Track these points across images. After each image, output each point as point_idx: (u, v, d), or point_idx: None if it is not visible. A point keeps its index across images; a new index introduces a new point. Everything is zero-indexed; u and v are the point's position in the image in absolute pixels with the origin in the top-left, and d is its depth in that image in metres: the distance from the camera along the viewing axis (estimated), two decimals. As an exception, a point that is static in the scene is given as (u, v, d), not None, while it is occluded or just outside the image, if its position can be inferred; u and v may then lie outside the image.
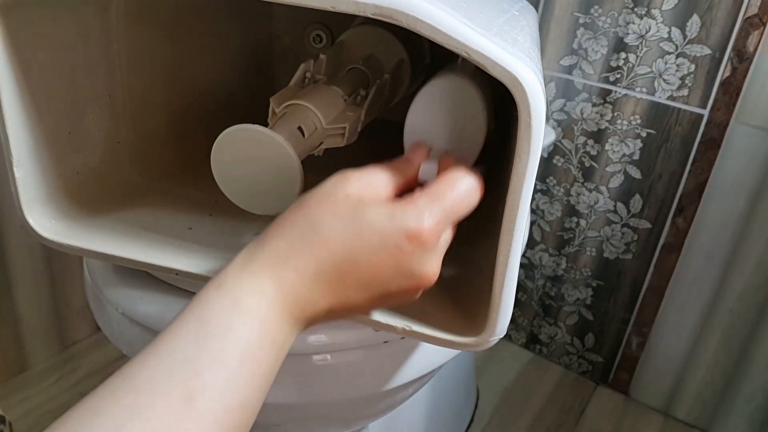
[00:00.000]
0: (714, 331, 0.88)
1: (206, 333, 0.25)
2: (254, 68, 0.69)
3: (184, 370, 0.24)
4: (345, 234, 0.29)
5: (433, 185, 0.32)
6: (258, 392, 0.26)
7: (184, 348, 0.25)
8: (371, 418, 0.61)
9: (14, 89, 0.39)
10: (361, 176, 0.31)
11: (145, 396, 0.23)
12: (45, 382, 0.93)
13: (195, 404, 0.23)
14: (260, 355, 0.26)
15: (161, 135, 0.53)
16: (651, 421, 0.95)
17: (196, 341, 0.25)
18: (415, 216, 0.30)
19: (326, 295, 0.29)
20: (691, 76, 0.77)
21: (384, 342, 0.45)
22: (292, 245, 0.29)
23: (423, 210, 0.30)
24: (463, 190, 0.32)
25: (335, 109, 0.44)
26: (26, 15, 0.38)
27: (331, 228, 0.29)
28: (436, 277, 0.32)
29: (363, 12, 0.30)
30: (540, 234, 0.97)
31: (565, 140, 0.89)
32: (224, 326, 0.26)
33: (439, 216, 0.31)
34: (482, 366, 1.03)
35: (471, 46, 0.29)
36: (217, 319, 0.26)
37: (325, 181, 0.31)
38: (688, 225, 0.84)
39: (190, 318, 0.26)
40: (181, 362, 0.24)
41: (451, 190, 0.32)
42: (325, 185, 0.31)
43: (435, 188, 0.32)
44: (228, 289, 0.27)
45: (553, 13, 0.84)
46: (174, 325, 0.26)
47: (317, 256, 0.29)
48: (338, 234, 0.29)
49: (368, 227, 0.29)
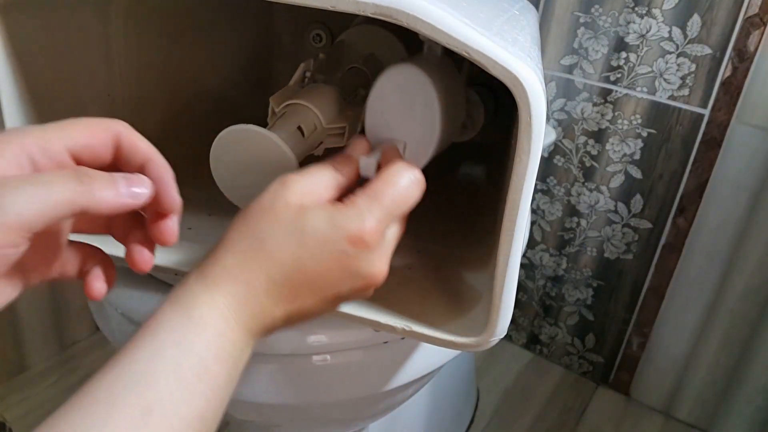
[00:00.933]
0: (715, 332, 0.88)
1: (162, 346, 0.26)
2: (254, 68, 0.69)
3: (141, 383, 0.24)
4: (289, 244, 0.29)
5: (372, 183, 0.32)
6: (215, 403, 0.26)
7: (140, 361, 0.25)
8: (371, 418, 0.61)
9: (14, 89, 0.39)
10: (300, 180, 0.31)
11: (105, 409, 0.23)
12: (44, 383, 0.93)
13: (152, 417, 0.24)
14: (216, 368, 0.27)
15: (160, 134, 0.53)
16: (652, 421, 0.95)
17: (152, 355, 0.25)
18: (356, 218, 0.30)
19: (280, 304, 0.30)
20: (692, 75, 0.77)
21: (384, 342, 0.45)
22: (240, 261, 0.29)
23: (363, 211, 0.30)
24: (402, 185, 0.32)
25: (335, 109, 0.44)
26: (26, 15, 0.38)
27: (275, 240, 0.29)
28: (385, 275, 0.32)
29: (363, 11, 0.30)
30: (540, 234, 0.97)
31: (565, 140, 0.89)
32: (179, 339, 0.26)
33: (380, 215, 0.31)
34: (482, 366, 1.03)
35: (471, 46, 0.29)
36: (172, 333, 0.26)
37: (266, 190, 0.31)
38: (689, 225, 0.84)
39: (146, 332, 0.26)
40: (138, 375, 0.24)
41: (390, 187, 0.32)
42: (266, 195, 0.31)
43: (374, 187, 0.32)
44: (182, 304, 0.27)
45: (554, 12, 0.84)
46: (133, 340, 0.26)
47: (266, 268, 0.29)
48: (283, 245, 0.29)
49: (311, 235, 0.29)
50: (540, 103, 0.30)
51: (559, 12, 0.83)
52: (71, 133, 0.27)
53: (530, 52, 0.35)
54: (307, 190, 0.31)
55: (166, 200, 0.28)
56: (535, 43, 0.42)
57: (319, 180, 0.32)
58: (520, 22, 0.42)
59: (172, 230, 0.30)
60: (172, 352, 0.25)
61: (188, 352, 0.26)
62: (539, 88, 0.30)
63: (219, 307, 0.28)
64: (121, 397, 0.24)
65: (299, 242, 0.29)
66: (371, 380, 0.47)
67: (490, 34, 0.31)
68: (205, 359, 0.26)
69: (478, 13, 0.33)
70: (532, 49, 0.38)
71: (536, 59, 0.36)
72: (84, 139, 0.27)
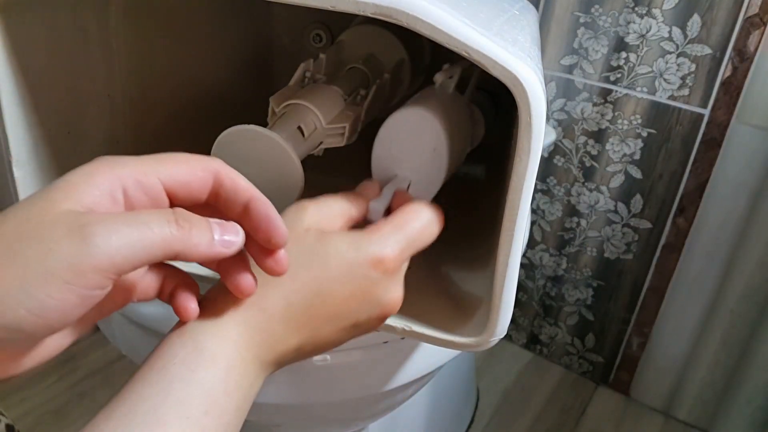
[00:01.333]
0: (715, 332, 0.88)
1: (170, 382, 0.25)
2: (254, 68, 0.69)
3: (148, 421, 0.24)
4: (311, 267, 0.29)
5: (397, 214, 0.32)
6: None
7: (148, 397, 0.24)
8: (371, 418, 0.61)
9: (14, 89, 0.39)
10: (317, 207, 0.32)
11: None
12: (45, 382, 0.93)
13: None
14: (225, 402, 0.26)
15: (161, 135, 0.53)
16: (651, 421, 0.95)
17: (159, 390, 0.25)
18: (380, 243, 0.30)
19: (296, 332, 0.29)
20: (692, 75, 0.77)
21: (384, 342, 0.45)
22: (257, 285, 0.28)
23: (388, 237, 0.30)
24: (425, 220, 0.33)
25: (335, 109, 0.44)
26: (25, 15, 0.38)
27: (296, 262, 0.29)
28: (400, 305, 0.32)
29: (363, 12, 0.30)
30: (540, 234, 0.97)
31: (565, 140, 0.89)
32: (188, 374, 0.25)
33: (403, 244, 0.31)
34: (482, 366, 1.03)
35: (471, 46, 0.29)
36: (181, 367, 0.25)
37: (283, 213, 0.31)
38: (689, 225, 0.84)
39: (154, 366, 0.25)
40: (145, 412, 0.24)
41: (414, 220, 0.32)
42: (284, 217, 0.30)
43: (399, 217, 0.32)
44: (192, 336, 0.27)
45: (554, 12, 0.84)
46: (139, 373, 0.25)
47: (285, 292, 0.28)
48: (305, 267, 0.29)
49: (334, 258, 0.29)
50: (540, 103, 0.30)
51: (559, 12, 0.83)
52: (169, 169, 0.26)
53: (530, 52, 0.35)
54: (323, 216, 0.31)
55: (277, 236, 0.27)
56: (535, 43, 0.42)
57: (334, 208, 0.32)
58: (520, 22, 0.42)
59: (285, 258, 0.28)
60: (180, 387, 0.25)
61: (197, 387, 0.25)
62: (539, 88, 0.30)
63: (230, 337, 0.27)
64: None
65: (322, 265, 0.29)
66: (371, 380, 0.47)
67: (490, 34, 0.31)
68: (214, 393, 0.25)
69: (478, 13, 0.33)
70: (532, 49, 0.38)
71: (536, 59, 0.36)
72: (182, 176, 0.26)
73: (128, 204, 0.25)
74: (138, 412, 0.24)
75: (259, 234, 0.27)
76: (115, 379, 0.95)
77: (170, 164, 0.26)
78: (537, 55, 0.39)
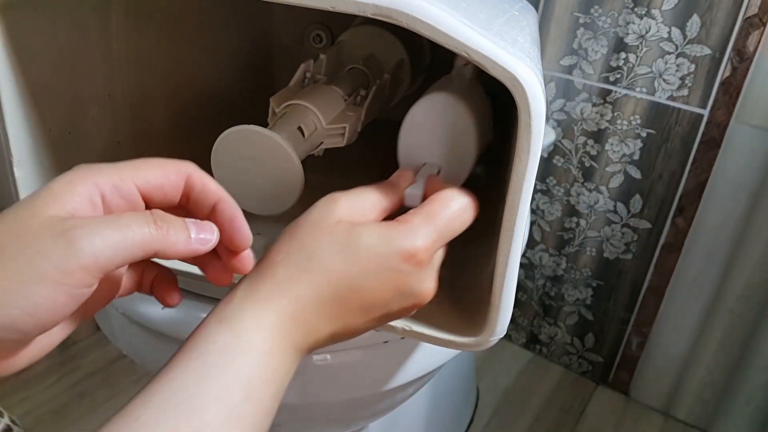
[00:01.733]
0: (714, 331, 0.88)
1: (209, 369, 0.25)
2: (254, 68, 0.69)
3: (188, 407, 0.24)
4: (342, 260, 0.29)
5: (427, 204, 0.32)
6: (263, 424, 0.26)
7: (187, 385, 0.25)
8: (371, 418, 0.61)
9: (14, 89, 0.39)
10: (349, 199, 0.32)
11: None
12: (45, 382, 0.93)
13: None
14: (263, 389, 0.26)
15: (161, 135, 0.53)
16: (651, 421, 0.95)
17: (198, 377, 0.25)
18: (411, 236, 0.30)
19: (329, 321, 0.29)
20: (691, 76, 0.77)
21: (384, 342, 0.45)
22: (291, 275, 0.29)
23: (418, 229, 0.30)
24: (457, 208, 0.32)
25: (335, 109, 0.44)
26: (26, 15, 0.38)
27: (328, 255, 0.29)
28: (433, 294, 0.32)
29: (363, 12, 0.30)
30: (540, 234, 0.97)
31: (565, 140, 0.89)
32: (227, 361, 0.26)
33: (434, 235, 0.31)
34: (482, 366, 1.03)
35: (471, 46, 0.29)
36: (220, 354, 0.26)
37: (314, 207, 0.31)
38: (688, 225, 0.84)
39: (192, 353, 0.26)
40: (184, 400, 0.24)
41: (445, 209, 0.32)
42: (314, 211, 0.31)
43: (429, 207, 0.32)
44: (230, 323, 0.27)
45: (553, 13, 0.84)
46: (176, 360, 0.26)
47: (317, 284, 0.29)
48: (336, 260, 0.29)
49: (365, 251, 0.29)
50: (539, 104, 0.30)
51: (558, 12, 0.83)
52: (144, 174, 0.28)
53: (530, 52, 0.35)
54: (355, 208, 0.31)
55: (239, 239, 0.29)
56: (534, 43, 0.42)
57: (367, 200, 0.32)
58: (519, 23, 0.42)
59: (251, 258, 0.30)
60: (220, 374, 0.25)
61: (236, 373, 0.25)
62: (539, 89, 0.30)
63: (268, 324, 0.27)
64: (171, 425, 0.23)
65: (352, 258, 0.29)
66: (371, 380, 0.47)
67: (490, 35, 0.31)
68: (253, 380, 0.26)
69: (477, 14, 0.33)
70: (532, 49, 0.38)
71: (536, 60, 0.36)
72: (156, 180, 0.28)
73: (106, 208, 0.27)
74: (177, 399, 0.24)
75: (223, 234, 0.29)
76: (115, 379, 0.95)
77: (145, 170, 0.28)
78: (536, 56, 0.39)
